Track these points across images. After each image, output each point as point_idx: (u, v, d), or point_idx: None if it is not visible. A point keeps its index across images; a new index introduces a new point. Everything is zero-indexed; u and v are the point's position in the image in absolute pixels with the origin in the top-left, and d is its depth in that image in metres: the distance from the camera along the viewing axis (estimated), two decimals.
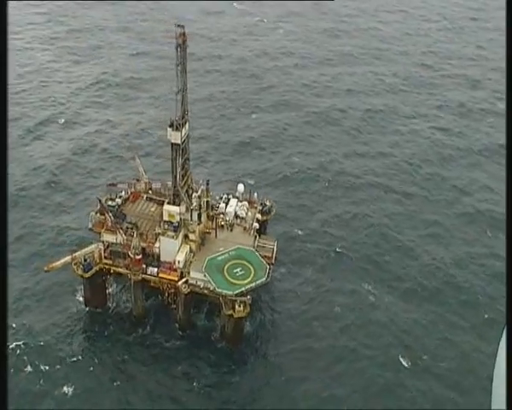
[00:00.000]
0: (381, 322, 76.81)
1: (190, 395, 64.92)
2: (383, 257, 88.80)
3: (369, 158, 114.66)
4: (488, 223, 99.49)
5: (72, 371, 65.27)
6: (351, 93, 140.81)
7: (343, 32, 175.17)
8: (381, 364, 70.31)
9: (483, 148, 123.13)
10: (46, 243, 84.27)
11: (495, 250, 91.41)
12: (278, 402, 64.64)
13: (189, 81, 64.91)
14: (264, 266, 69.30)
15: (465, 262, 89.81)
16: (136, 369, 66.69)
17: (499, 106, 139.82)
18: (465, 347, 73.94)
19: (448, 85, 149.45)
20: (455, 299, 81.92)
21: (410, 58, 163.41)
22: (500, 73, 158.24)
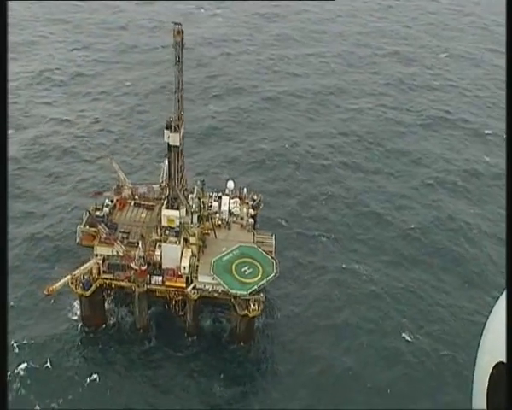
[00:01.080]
0: (375, 295, 76.70)
1: (209, 399, 61.41)
2: (365, 233, 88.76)
3: (330, 138, 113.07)
4: (448, 189, 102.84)
5: (82, 394, 58.88)
6: (298, 76, 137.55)
7: (279, 17, 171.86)
8: (383, 334, 70.54)
9: (429, 120, 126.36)
10: (21, 257, 76.16)
11: (460, 213, 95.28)
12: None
13: (137, 73, 60.70)
14: (271, 262, 65.94)
15: (436, 227, 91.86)
16: (148, 384, 61.10)
17: (434, 82, 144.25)
18: (454, 308, 75.79)
19: (386, 63, 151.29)
20: (436, 263, 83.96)
21: (346, 39, 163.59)
22: (428, 49, 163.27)
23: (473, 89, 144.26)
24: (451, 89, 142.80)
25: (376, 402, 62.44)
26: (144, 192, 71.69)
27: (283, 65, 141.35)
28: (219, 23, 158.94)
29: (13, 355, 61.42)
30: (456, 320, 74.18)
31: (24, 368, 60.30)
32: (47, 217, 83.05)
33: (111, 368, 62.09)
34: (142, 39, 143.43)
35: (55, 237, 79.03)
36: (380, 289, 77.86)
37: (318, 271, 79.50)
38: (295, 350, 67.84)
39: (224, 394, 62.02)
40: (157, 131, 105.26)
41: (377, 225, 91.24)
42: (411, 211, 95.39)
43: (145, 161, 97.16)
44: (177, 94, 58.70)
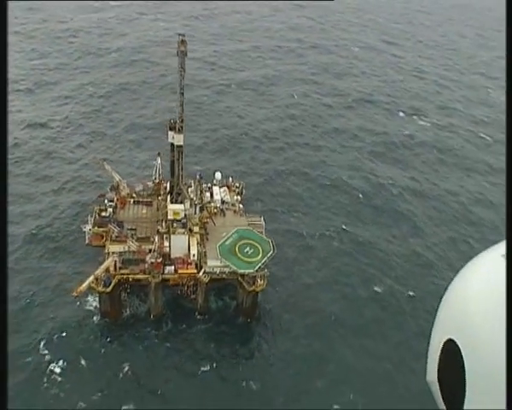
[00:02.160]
0: (345, 252, 78.51)
1: (222, 364, 59.04)
2: (325, 202, 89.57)
3: (279, 122, 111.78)
4: (382, 157, 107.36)
5: (116, 384, 54.44)
6: (239, 69, 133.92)
7: (211, 17, 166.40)
8: (357, 284, 72.74)
9: (354, 102, 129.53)
10: (23, 257, 68.76)
11: (394, 177, 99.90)
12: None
13: (95, 77, 56.29)
14: (267, 241, 64.07)
15: (379, 190, 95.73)
16: (172, 364, 57.38)
17: (353, 70, 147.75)
18: (405, 256, 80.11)
19: (310, 55, 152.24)
20: (384, 220, 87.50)
21: (272, 35, 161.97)
22: (341, 42, 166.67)
23: (381, 74, 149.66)
24: (367, 75, 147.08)
25: (354, 340, 63.86)
26: (141, 190, 67.38)
27: (222, 58, 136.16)
28: (161, 26, 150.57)
29: (40, 353, 56.54)
30: (409, 265, 78.02)
31: (56, 365, 55.29)
32: (42, 217, 74.57)
33: (137, 355, 56.91)
34: (94, 44, 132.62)
35: (54, 236, 72.18)
36: (348, 247, 79.24)
37: (295, 238, 78.48)
38: (289, 308, 66.81)
39: (234, 360, 59.86)
40: (127, 128, 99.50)
41: (334, 192, 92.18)
42: (358, 179, 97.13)
43: (123, 157, 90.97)
44: (180, 98, 55.04)
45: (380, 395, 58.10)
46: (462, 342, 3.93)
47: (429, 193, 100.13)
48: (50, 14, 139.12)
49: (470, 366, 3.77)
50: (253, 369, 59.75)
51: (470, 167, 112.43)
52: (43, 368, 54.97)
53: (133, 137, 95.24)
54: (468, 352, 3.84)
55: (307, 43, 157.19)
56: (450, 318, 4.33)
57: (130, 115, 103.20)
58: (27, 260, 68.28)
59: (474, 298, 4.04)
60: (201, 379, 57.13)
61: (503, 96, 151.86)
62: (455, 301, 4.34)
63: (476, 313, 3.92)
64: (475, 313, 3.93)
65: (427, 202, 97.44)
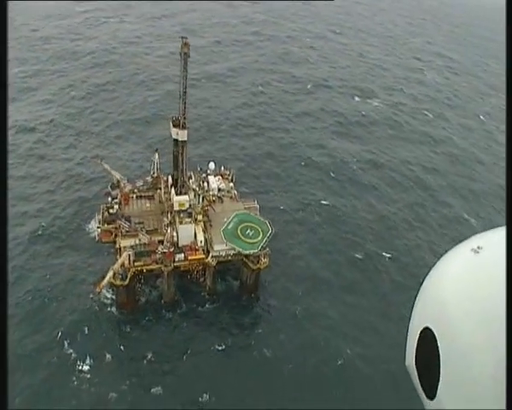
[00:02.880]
0: (326, 220, 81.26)
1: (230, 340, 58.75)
2: (303, 177, 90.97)
3: (250, 108, 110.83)
4: (346, 127, 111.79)
5: (145, 373, 52.88)
6: (205, 63, 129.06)
7: (171, 16, 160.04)
8: (345, 248, 75.52)
9: (313, 86, 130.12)
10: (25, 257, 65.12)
11: (355, 150, 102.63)
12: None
13: (74, 78, 53.32)
14: (264, 222, 63.48)
15: (344, 163, 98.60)
16: (191, 341, 56.40)
17: (308, 58, 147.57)
18: (376, 220, 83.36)
19: (266, 47, 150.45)
20: (350, 189, 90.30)
21: (229, 30, 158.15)
22: (294, 33, 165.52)
23: (332, 61, 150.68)
24: (319, 62, 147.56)
25: (344, 298, 66.17)
26: (141, 185, 64.83)
27: (191, 55, 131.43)
28: (127, 27, 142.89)
29: (65, 350, 53.82)
30: (379, 228, 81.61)
31: (82, 361, 52.61)
32: (43, 217, 70.27)
33: (157, 341, 54.87)
34: (68, 49, 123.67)
35: (58, 235, 68.33)
36: (327, 219, 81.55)
37: (280, 215, 78.66)
38: (285, 278, 67.32)
39: (245, 333, 59.58)
40: (111, 126, 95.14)
41: (307, 170, 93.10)
42: (326, 156, 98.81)
43: (113, 152, 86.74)
44: (183, 97, 52.83)
45: (370, 344, 60.17)
46: (437, 330, 3.93)
47: (387, 164, 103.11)
48: (22, 23, 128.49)
49: (444, 353, 3.79)
50: (264, 337, 59.57)
51: (417, 140, 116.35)
52: (69, 364, 52.14)
53: (119, 132, 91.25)
54: (442, 339, 3.85)
55: (263, 36, 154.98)
56: (426, 307, 4.30)
57: (113, 113, 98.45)
58: (36, 259, 64.38)
59: (449, 290, 4.01)
60: (219, 354, 56.38)
61: (437, 77, 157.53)
62: (431, 292, 4.30)
63: (450, 303, 3.90)
64: (449, 303, 3.91)
65: (386, 172, 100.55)
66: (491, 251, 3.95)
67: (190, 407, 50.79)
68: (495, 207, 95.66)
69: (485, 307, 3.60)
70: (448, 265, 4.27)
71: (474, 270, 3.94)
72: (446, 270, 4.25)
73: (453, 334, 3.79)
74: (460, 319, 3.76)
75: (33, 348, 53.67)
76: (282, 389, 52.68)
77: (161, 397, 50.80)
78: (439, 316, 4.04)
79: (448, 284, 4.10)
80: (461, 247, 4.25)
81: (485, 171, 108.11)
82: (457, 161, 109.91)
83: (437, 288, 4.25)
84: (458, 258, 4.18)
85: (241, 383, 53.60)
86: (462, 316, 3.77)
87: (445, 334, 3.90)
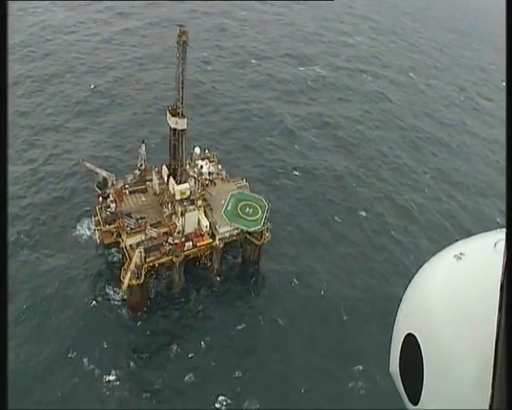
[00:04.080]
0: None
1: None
2: (280, 141, 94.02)
3: (201, 84, 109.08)
4: (296, 94, 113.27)
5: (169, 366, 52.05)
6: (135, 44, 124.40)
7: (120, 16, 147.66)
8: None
9: (257, 58, 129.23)
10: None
11: (318, 109, 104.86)
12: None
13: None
14: (259, 198, 63.88)
15: (311, 122, 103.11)
16: (209, 326, 56.26)
17: (245, 32, 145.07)
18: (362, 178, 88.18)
19: (200, 20, 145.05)
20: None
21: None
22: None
23: (268, 33, 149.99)
24: (256, 35, 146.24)
25: (334, 251, 70.73)
26: (132, 179, 61.54)
27: (142, 50, 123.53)
28: (58, 16, 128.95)
29: (84, 364, 50.98)
30: (345, 185, 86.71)
31: (107, 371, 50.22)
32: (24, 220, 65.42)
33: (176, 332, 54.57)
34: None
35: (45, 236, 64.03)
36: (302, 181, 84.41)
37: (262, 185, 78.86)
38: (283, 245, 69.13)
39: (257, 307, 60.88)
40: (70, 119, 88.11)
41: (273, 137, 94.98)
42: (286, 122, 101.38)
43: (78, 145, 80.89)
44: (181, 85, 50.46)
45: (361, 286, 65.37)
46: (420, 336, 3.93)
47: (339, 124, 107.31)
48: None
49: (428, 359, 3.79)
50: (275, 308, 61.32)
51: (361, 99, 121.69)
52: (91, 377, 49.96)
53: (79, 125, 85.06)
54: (425, 345, 3.85)
55: (198, 12, 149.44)
56: (409, 314, 4.30)
57: (68, 106, 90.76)
58: (25, 269, 59.00)
59: (432, 296, 4.03)
60: (237, 332, 57.26)
61: (365, 40, 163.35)
62: (414, 298, 4.33)
63: (433, 310, 3.92)
64: (432, 310, 3.92)
65: (340, 131, 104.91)
66: (473, 257, 3.94)
67: (229, 388, 51.05)
68: (432, 150, 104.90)
69: (468, 313, 3.59)
70: (431, 271, 4.25)
71: (457, 276, 3.92)
72: (429, 276, 4.22)
73: (436, 340, 3.77)
74: (443, 325, 3.75)
75: (45, 366, 50.05)
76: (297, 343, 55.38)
77: (196, 384, 50.57)
78: (423, 322, 4.02)
79: (431, 290, 4.07)
80: (443, 253, 4.22)
81: (421, 122, 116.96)
82: (395, 116, 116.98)
83: (420, 294, 4.23)
84: (441, 264, 4.16)
85: (266, 351, 55.11)
86: (445, 322, 3.75)
87: (428, 340, 3.87)
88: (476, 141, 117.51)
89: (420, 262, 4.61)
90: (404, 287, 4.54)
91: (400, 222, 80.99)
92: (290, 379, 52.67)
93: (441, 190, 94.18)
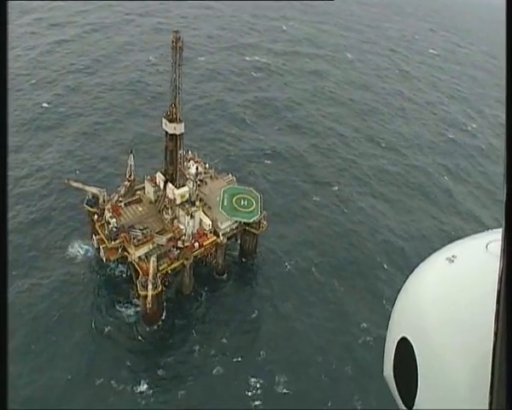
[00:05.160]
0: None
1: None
2: (237, 127, 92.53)
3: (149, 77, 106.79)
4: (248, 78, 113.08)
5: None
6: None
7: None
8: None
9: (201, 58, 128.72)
10: None
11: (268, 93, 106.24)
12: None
13: None
14: (250, 190, 64.93)
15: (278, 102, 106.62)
16: (224, 322, 56.96)
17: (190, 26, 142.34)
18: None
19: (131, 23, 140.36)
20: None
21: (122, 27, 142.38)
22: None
23: (210, 26, 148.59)
24: (198, 30, 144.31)
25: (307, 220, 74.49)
26: (125, 191, 59.63)
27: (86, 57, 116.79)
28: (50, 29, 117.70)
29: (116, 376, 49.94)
30: (311, 162, 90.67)
31: (144, 385, 49.56)
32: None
33: (196, 334, 54.82)
34: None
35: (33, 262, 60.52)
36: (280, 163, 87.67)
37: (237, 169, 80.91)
38: (276, 227, 70.42)
39: (255, 292, 63.01)
40: (29, 136, 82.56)
41: (251, 128, 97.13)
42: (242, 107, 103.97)
43: (43, 161, 76.51)
44: (177, 91, 49.58)
45: (342, 253, 70.52)
46: (414, 339, 3.88)
47: (288, 107, 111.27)
48: None
49: (421, 362, 3.75)
50: (279, 290, 63.55)
51: (303, 81, 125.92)
52: (128, 392, 49.14)
53: (38, 142, 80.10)
54: (419, 349, 3.81)
55: (133, 15, 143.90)
56: (402, 317, 4.25)
57: (19, 120, 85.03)
58: (23, 295, 56.09)
59: (424, 300, 3.99)
60: (252, 320, 58.81)
61: (295, 25, 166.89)
62: (407, 302, 4.26)
63: (426, 313, 3.87)
64: (426, 313, 3.88)
65: (289, 113, 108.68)
66: (465, 259, 3.91)
67: (257, 370, 52.64)
68: (375, 119, 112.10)
69: (461, 316, 3.55)
70: (423, 274, 4.21)
71: (450, 279, 3.88)
72: (422, 280, 4.18)
73: (429, 343, 3.73)
74: (436, 329, 3.71)
75: (62, 392, 48.16)
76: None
77: (226, 375, 51.56)
78: (416, 326, 3.97)
79: (424, 293, 4.03)
80: (435, 256, 4.18)
81: (361, 95, 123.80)
82: (337, 92, 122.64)
83: (413, 298, 4.18)
84: (433, 267, 4.12)
85: (280, 330, 57.40)
86: (438, 325, 3.71)
87: (421, 343, 3.82)
88: (412, 105, 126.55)
89: (386, 215, 5.78)
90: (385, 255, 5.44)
91: (368, 189, 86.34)
92: (306, 350, 55.61)
93: (392, 154, 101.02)
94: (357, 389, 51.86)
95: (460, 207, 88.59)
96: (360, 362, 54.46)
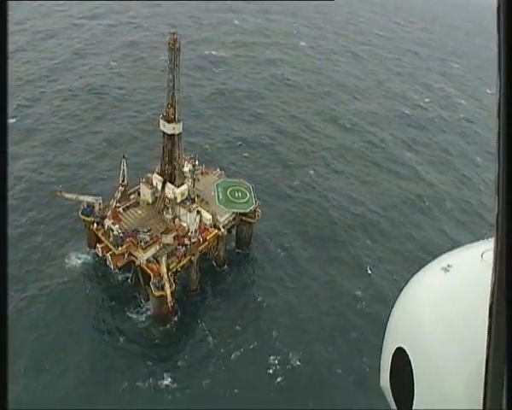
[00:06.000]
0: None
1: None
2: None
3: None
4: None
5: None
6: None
7: None
8: None
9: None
10: None
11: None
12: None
13: None
14: (240, 181, 66.55)
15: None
16: (232, 315, 58.42)
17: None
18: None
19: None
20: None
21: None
22: None
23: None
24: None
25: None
26: (120, 197, 59.08)
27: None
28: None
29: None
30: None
31: (168, 379, 50.46)
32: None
33: (208, 330, 55.73)
34: None
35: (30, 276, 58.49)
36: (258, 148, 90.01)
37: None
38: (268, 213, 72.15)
39: (258, 278, 64.95)
40: None
41: (216, 120, 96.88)
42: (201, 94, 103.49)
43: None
44: (174, 91, 49.61)
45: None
46: (410, 349, 3.84)
47: (247, 96, 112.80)
48: None
49: (418, 372, 3.71)
50: (280, 273, 66.13)
51: (258, 69, 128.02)
52: (156, 390, 49.70)
53: None
54: (415, 359, 3.76)
55: (86, 18, 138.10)
56: (398, 328, 4.20)
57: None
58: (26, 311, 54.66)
59: (420, 309, 3.95)
60: (259, 304, 60.89)
61: (249, 18, 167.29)
62: (402, 312, 4.19)
63: (422, 323, 3.84)
64: (421, 323, 3.85)
65: (249, 101, 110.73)
66: (460, 269, 3.87)
67: (273, 348, 55.00)
68: (331, 99, 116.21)
69: (457, 326, 3.52)
70: (419, 284, 4.17)
71: (445, 289, 3.85)
72: (417, 290, 4.15)
73: (426, 353, 3.70)
74: (432, 339, 3.67)
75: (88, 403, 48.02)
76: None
77: (245, 357, 53.53)
78: (412, 336, 3.93)
79: (419, 303, 4.01)
80: (431, 266, 4.13)
81: (314, 78, 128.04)
82: (290, 77, 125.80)
83: (408, 308, 4.13)
84: (429, 277, 4.09)
85: (285, 308, 60.21)
86: (434, 335, 3.67)
87: (417, 353, 3.78)
88: (365, 84, 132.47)
89: (359, 191, 7.51)
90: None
91: (339, 168, 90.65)
92: (309, 323, 58.82)
93: (355, 132, 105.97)
94: (360, 352, 55.48)
95: (421, 175, 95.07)
96: (359, 327, 58.43)
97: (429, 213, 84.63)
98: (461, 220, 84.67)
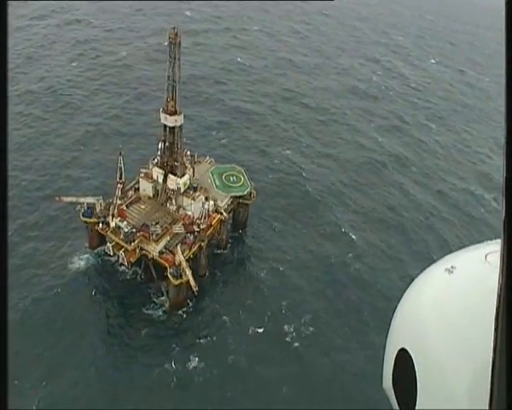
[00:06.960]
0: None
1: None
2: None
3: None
4: None
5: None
6: None
7: None
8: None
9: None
10: None
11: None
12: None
13: None
14: (232, 166, 67.58)
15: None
16: (245, 297, 59.78)
17: None
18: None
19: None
20: None
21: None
22: None
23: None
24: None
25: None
26: (121, 194, 57.92)
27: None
28: None
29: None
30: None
31: (194, 360, 51.58)
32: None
33: (222, 312, 56.81)
34: None
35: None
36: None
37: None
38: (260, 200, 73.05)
39: (261, 257, 66.53)
40: None
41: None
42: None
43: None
44: (173, 85, 49.20)
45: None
46: (413, 351, 3.80)
47: (209, 84, 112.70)
48: None
49: (421, 373, 3.69)
50: (277, 249, 68.54)
51: (216, 57, 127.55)
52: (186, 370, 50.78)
53: None
54: (418, 360, 3.73)
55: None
56: (401, 329, 4.15)
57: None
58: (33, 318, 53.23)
59: (423, 311, 3.90)
60: (264, 283, 62.88)
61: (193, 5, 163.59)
62: (406, 313, 4.16)
63: (425, 324, 3.79)
64: (425, 324, 3.80)
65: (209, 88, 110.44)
66: (464, 270, 3.84)
67: (287, 321, 57.77)
68: (304, 84, 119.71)
69: (461, 327, 3.50)
70: (422, 286, 4.14)
71: (449, 290, 3.81)
72: (421, 291, 4.11)
73: (429, 355, 3.66)
74: (435, 340, 3.64)
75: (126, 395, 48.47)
76: None
77: (265, 332, 55.72)
78: (415, 337, 3.89)
79: (423, 305, 3.96)
80: (434, 267, 4.10)
81: (285, 72, 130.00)
82: (245, 62, 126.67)
83: (412, 309, 4.10)
84: (432, 278, 4.05)
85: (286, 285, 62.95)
86: (437, 337, 3.65)
87: (420, 355, 3.74)
88: (321, 61, 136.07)
89: (331, 169, 9.38)
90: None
91: (311, 149, 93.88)
92: (312, 291, 62.17)
93: (320, 110, 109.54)
94: (359, 311, 59.77)
95: (381, 143, 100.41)
96: (355, 285, 62.84)
97: (392, 176, 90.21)
98: (421, 182, 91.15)
